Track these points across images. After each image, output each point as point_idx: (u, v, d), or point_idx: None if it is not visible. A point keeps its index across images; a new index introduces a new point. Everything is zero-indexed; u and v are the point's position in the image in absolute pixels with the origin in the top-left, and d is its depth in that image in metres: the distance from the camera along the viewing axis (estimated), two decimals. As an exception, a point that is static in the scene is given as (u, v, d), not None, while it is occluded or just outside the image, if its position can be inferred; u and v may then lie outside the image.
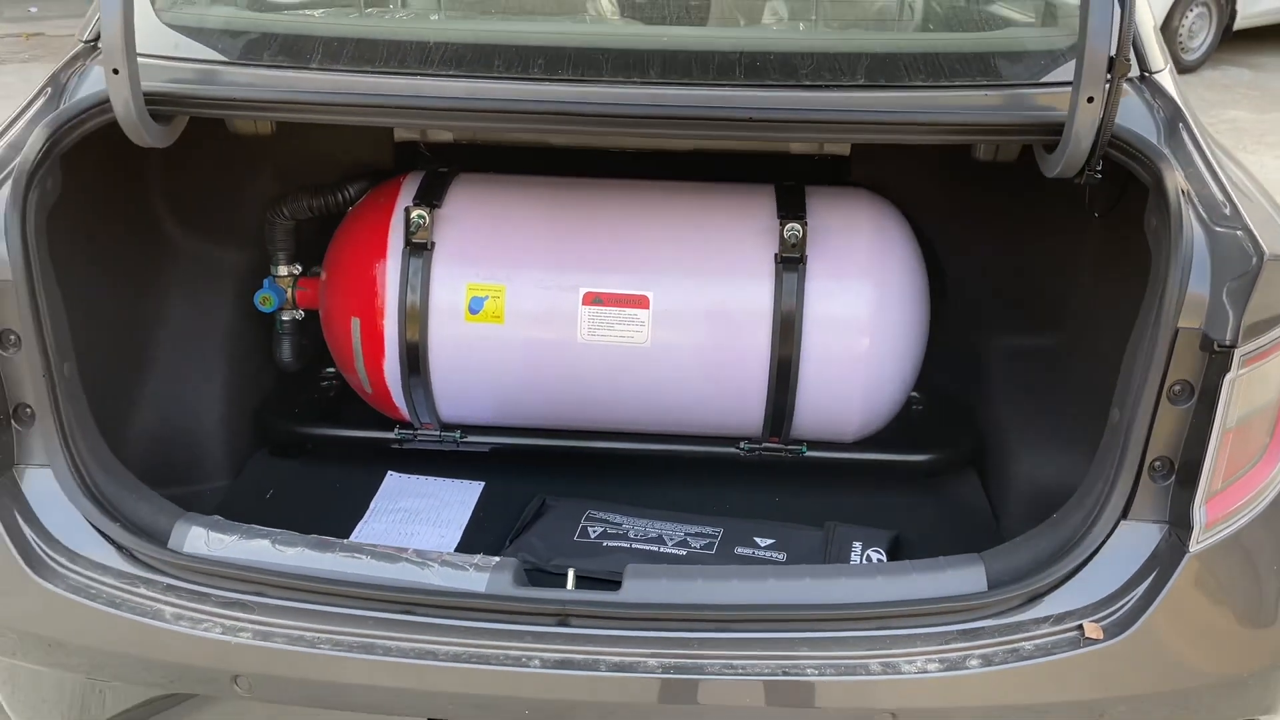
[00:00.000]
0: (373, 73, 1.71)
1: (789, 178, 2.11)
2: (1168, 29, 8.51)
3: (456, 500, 2.18)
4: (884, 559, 1.95)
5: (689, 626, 1.47)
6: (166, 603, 1.51)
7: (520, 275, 1.99)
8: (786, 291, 1.95)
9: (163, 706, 1.62)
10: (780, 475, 2.18)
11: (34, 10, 10.02)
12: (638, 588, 1.51)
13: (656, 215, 2.05)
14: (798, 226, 1.95)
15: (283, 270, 2.23)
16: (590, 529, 2.04)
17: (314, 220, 2.22)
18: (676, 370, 2.01)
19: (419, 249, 1.99)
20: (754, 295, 1.97)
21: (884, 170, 2.16)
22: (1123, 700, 1.47)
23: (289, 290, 2.23)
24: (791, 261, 1.95)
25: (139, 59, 1.60)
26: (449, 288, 1.99)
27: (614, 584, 1.55)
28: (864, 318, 1.99)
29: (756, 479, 2.19)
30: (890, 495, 2.15)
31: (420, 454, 2.23)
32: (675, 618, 1.47)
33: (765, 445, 2.12)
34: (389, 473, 2.25)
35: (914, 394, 2.22)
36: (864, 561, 1.94)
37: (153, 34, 1.74)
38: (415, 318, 1.99)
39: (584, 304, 1.97)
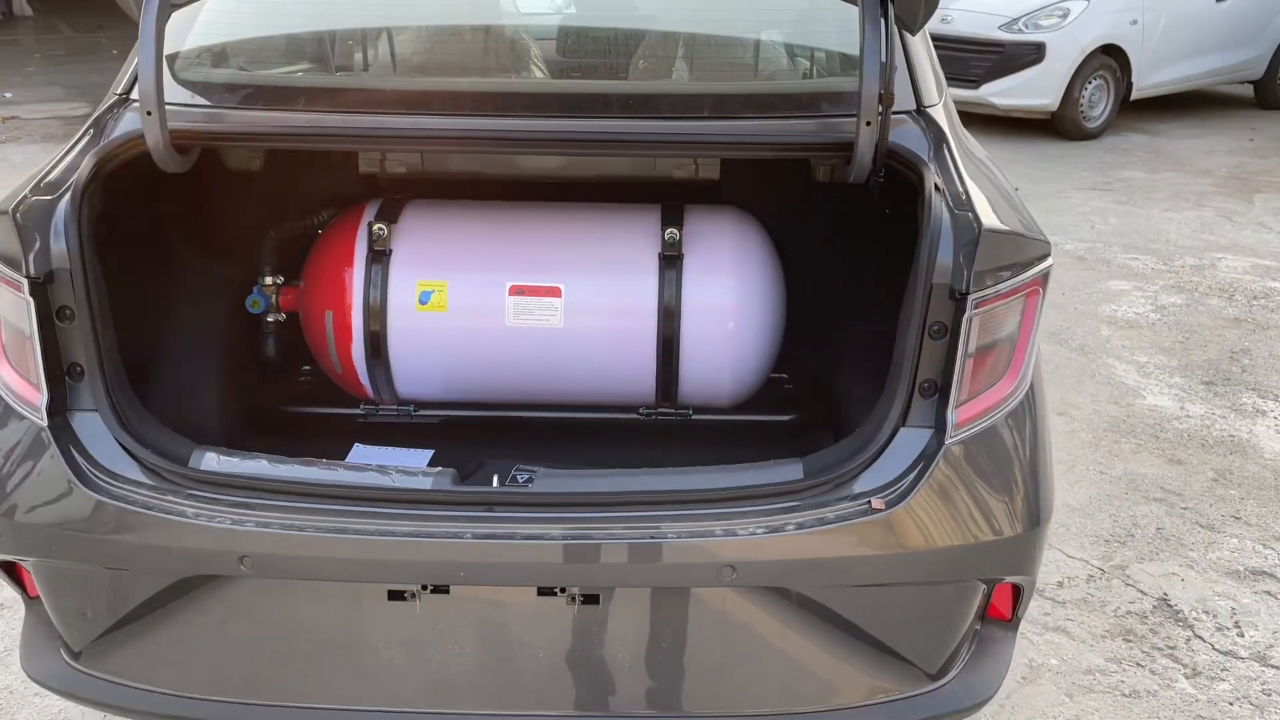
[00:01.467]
0: (338, 112, 2.26)
1: (673, 198, 2.68)
2: (1068, 99, 9.36)
3: (410, 464, 2.68)
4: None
5: (582, 510, 1.98)
6: (188, 505, 1.99)
7: (459, 274, 2.53)
8: (668, 283, 2.50)
9: (181, 592, 2.08)
10: (672, 436, 2.71)
11: (9, 96, 10.62)
12: (543, 484, 2.02)
13: (568, 225, 2.61)
14: (675, 231, 2.51)
15: (268, 280, 2.74)
16: (519, 477, 2.55)
17: (293, 239, 2.76)
18: (586, 348, 2.55)
19: (379, 255, 2.52)
20: (643, 286, 2.52)
21: (748, 191, 2.74)
22: (898, 556, 1.99)
23: (274, 296, 2.75)
24: (671, 259, 2.51)
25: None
26: (403, 285, 2.53)
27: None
28: (729, 304, 2.54)
29: (652, 439, 2.71)
30: (761, 450, 2.68)
31: (382, 429, 2.73)
32: (571, 502, 1.98)
33: (659, 410, 2.65)
34: (355, 445, 2.75)
35: (783, 375, 2.77)
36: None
37: (172, 88, 2.28)
38: (376, 310, 2.51)
39: (510, 295, 2.51)
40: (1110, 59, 9.49)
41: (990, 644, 2.23)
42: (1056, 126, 9.52)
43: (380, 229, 2.52)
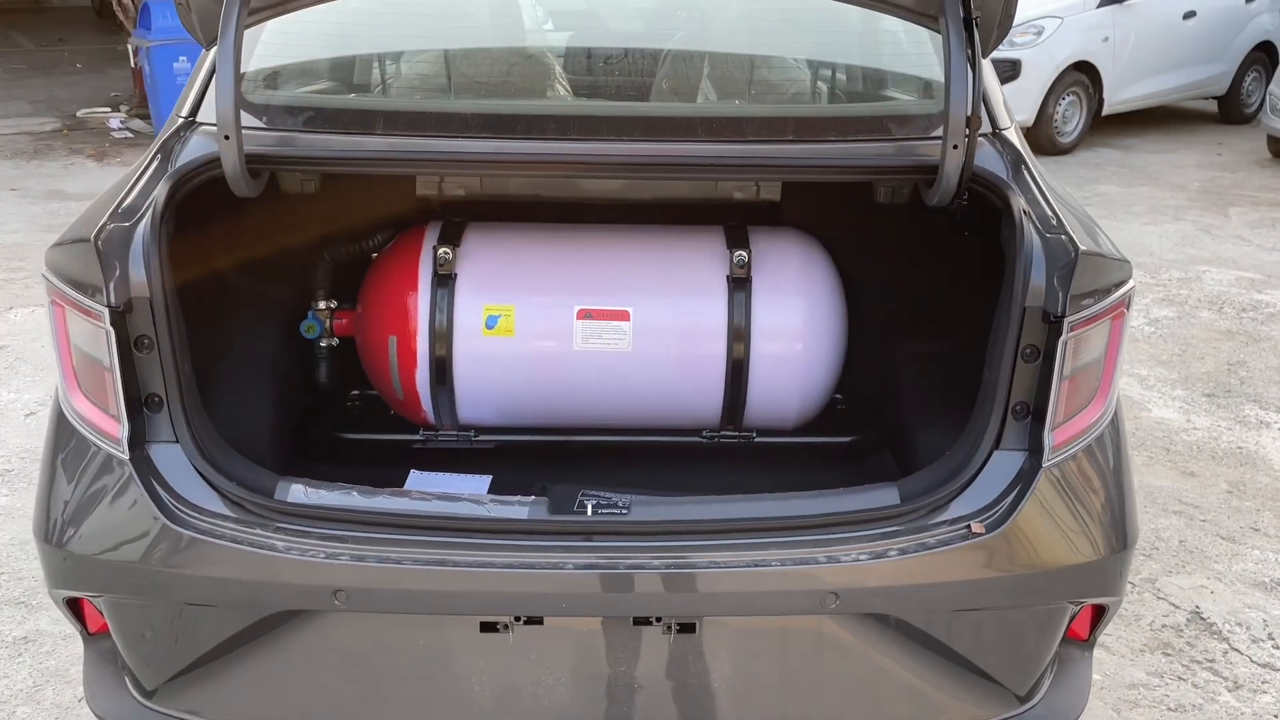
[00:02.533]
0: (409, 135, 2.23)
1: (731, 219, 2.67)
2: (1043, 115, 9.53)
3: (469, 490, 2.64)
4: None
5: (683, 538, 1.96)
6: (278, 538, 1.94)
7: (526, 298, 2.50)
8: (737, 305, 2.49)
9: (271, 627, 2.03)
10: (736, 458, 2.70)
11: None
12: (642, 512, 1.99)
13: (634, 247, 2.59)
14: (744, 254, 2.50)
15: (322, 304, 2.69)
16: (586, 503, 2.52)
17: (346, 263, 2.71)
18: (654, 371, 2.53)
19: (445, 280, 2.49)
20: (712, 309, 2.51)
21: (809, 213, 2.74)
22: (1000, 579, 2.00)
23: (328, 320, 2.70)
24: (740, 281, 2.50)
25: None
26: (469, 310, 2.49)
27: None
28: (798, 327, 2.54)
29: (717, 462, 2.70)
30: (824, 472, 2.67)
31: (435, 454, 2.68)
32: (671, 530, 1.96)
33: (723, 433, 2.64)
34: (412, 471, 2.71)
35: (838, 396, 2.77)
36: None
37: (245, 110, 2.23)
38: (442, 335, 2.48)
39: (578, 319, 2.48)
40: (1083, 75, 9.69)
41: (1070, 664, 2.25)
42: (1031, 142, 9.65)
43: (445, 253, 2.48)
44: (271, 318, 2.69)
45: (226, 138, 2.04)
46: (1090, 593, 2.11)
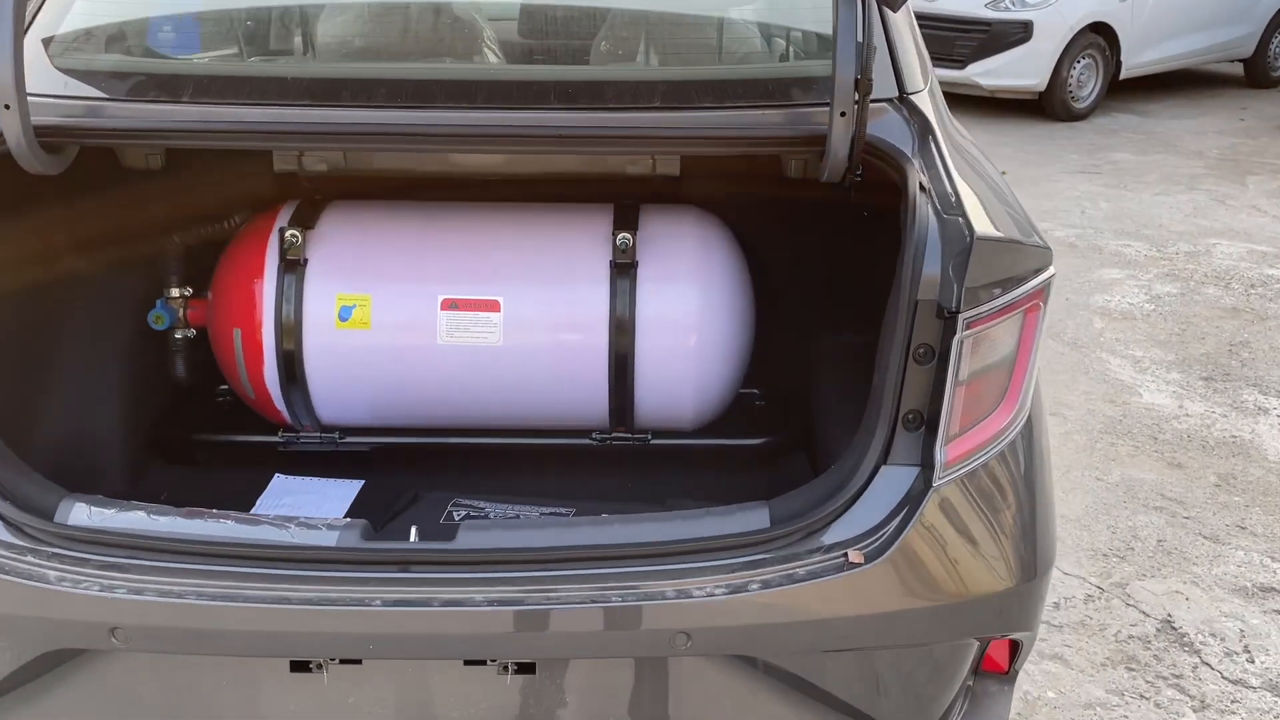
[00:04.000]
0: (240, 104, 1.96)
1: (628, 197, 2.39)
2: (1056, 79, 9.09)
3: (336, 496, 2.40)
4: (715, 527, 2.19)
5: (509, 569, 1.70)
6: (50, 568, 1.70)
7: (385, 285, 2.24)
8: (620, 294, 2.22)
9: (46, 667, 1.79)
10: (630, 462, 2.43)
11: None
12: (468, 537, 1.74)
13: (507, 230, 2.32)
14: (628, 236, 2.22)
15: (174, 292, 2.45)
16: (455, 513, 2.27)
17: (202, 247, 2.46)
18: (529, 368, 2.26)
19: (293, 265, 2.23)
20: (592, 298, 2.23)
21: (712, 189, 2.45)
22: (881, 616, 1.72)
23: (181, 310, 2.45)
24: (623, 267, 2.22)
25: (30, 98, 1.84)
26: (321, 299, 2.23)
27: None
28: (690, 317, 2.26)
29: (609, 466, 2.43)
30: (729, 476, 2.41)
31: (307, 457, 2.44)
32: (501, 560, 1.70)
33: (614, 435, 2.37)
34: (276, 475, 2.47)
35: (754, 390, 2.49)
36: (697, 530, 2.19)
37: (45, 76, 1.97)
38: (290, 328, 2.22)
39: (442, 309, 2.22)
40: (1099, 37, 9.24)
41: (985, 699, 1.97)
42: (1044, 107, 9.26)
43: (294, 235, 2.22)
44: (120, 308, 2.44)
45: (7, 106, 1.79)
46: (995, 628, 1.83)
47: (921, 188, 1.79)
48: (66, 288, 2.36)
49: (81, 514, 1.77)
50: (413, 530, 1.77)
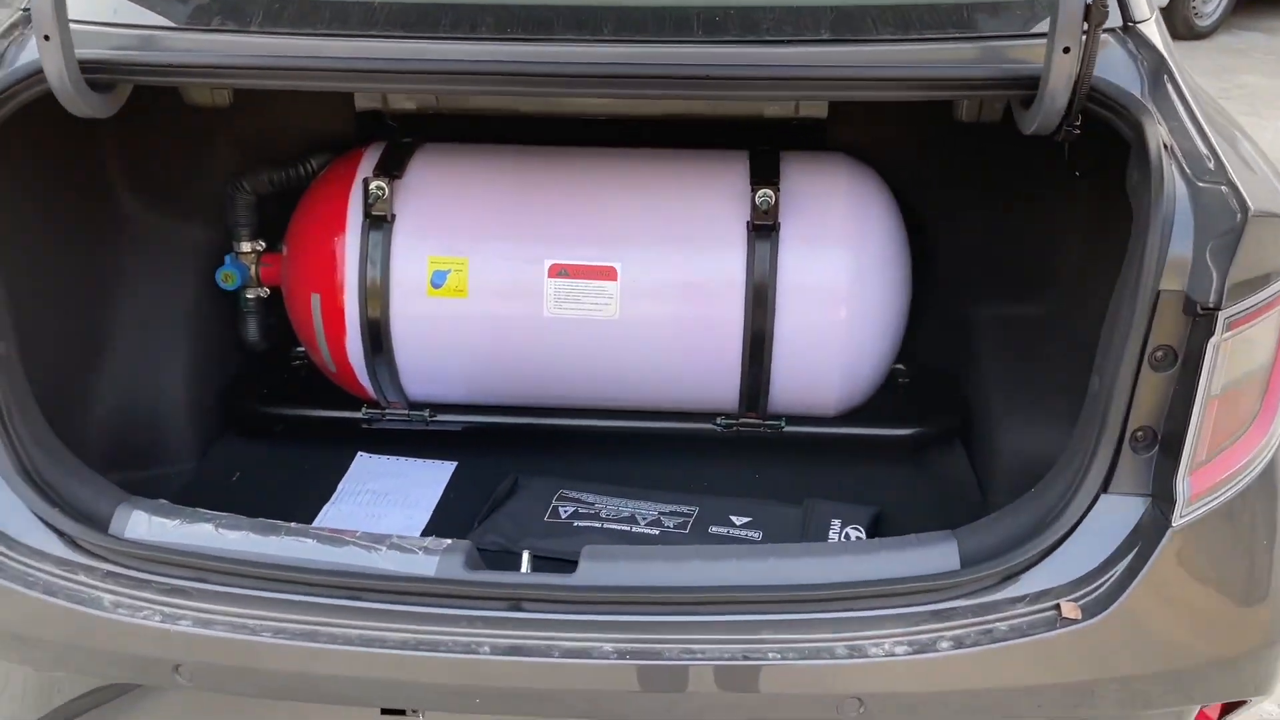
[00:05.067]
0: (318, 35, 1.63)
1: (764, 143, 2.03)
2: (1179, -7, 8.34)
3: (427, 480, 2.12)
4: (864, 537, 1.88)
5: (646, 609, 1.40)
6: (106, 590, 1.45)
7: (484, 247, 1.93)
8: (759, 260, 1.87)
9: (111, 695, 1.56)
10: (759, 451, 2.12)
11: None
12: (594, 570, 1.44)
13: (626, 183, 1.98)
14: (769, 192, 1.87)
15: (245, 246, 2.16)
16: (561, 509, 1.98)
17: (278, 195, 2.16)
18: (648, 344, 1.95)
19: (378, 222, 1.92)
20: (725, 264, 1.90)
21: (863, 134, 2.08)
22: (1103, 683, 1.40)
23: (253, 267, 2.17)
24: (763, 229, 1.87)
25: (74, 25, 1.53)
26: (410, 261, 1.93)
27: (573, 565, 1.48)
28: (841, 286, 1.91)
29: (734, 455, 2.12)
30: (872, 470, 2.08)
31: (391, 434, 2.17)
32: (631, 600, 1.41)
33: (742, 420, 2.05)
34: (359, 454, 2.20)
35: (899, 366, 2.15)
36: (842, 537, 1.88)
37: (90, 2, 1.67)
38: (376, 293, 1.92)
39: (550, 276, 1.90)
40: (1228, -54, 8.45)
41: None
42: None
43: (379, 187, 1.91)
44: (185, 264, 2.17)
45: (46, 38, 1.49)
46: (1230, 693, 1.50)
47: (1165, 147, 1.41)
48: (123, 243, 2.09)
49: (140, 524, 1.51)
50: (524, 558, 1.48)
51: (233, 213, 2.14)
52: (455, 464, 2.16)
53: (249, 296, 2.19)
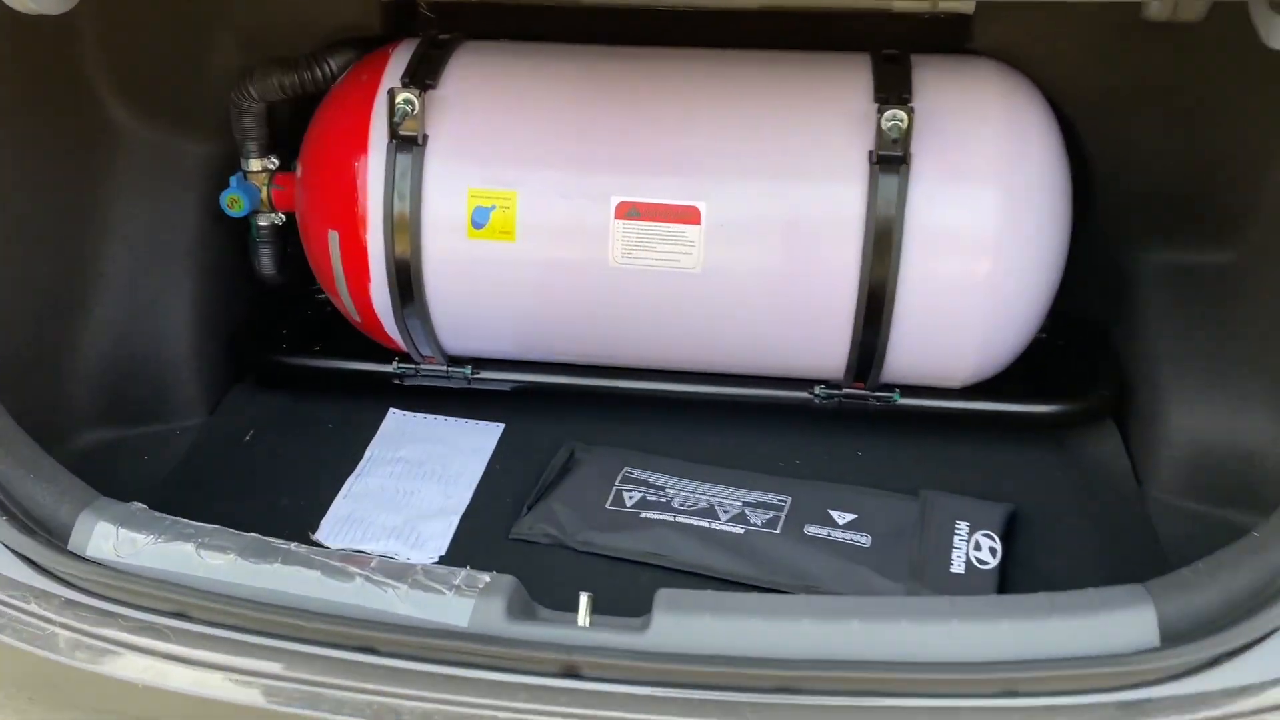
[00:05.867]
0: None
1: (891, 45, 1.60)
2: None
3: (469, 448, 1.81)
4: (996, 545, 1.53)
5: (739, 687, 1.08)
6: (61, 624, 1.16)
7: (536, 178, 1.55)
8: (883, 198, 1.48)
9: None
10: (865, 426, 1.76)
11: None
12: (670, 626, 1.11)
13: (714, 98, 1.57)
14: (900, 114, 1.46)
15: (254, 165, 1.81)
16: (626, 493, 1.65)
17: (292, 103, 1.79)
18: (736, 300, 1.57)
19: (407, 143, 1.55)
20: (839, 203, 1.50)
21: (1020, 34, 1.63)
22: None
23: (264, 189, 1.82)
24: (891, 160, 1.47)
25: None
26: (446, 194, 1.56)
27: (642, 608, 1.15)
28: (987, 233, 1.51)
29: (835, 430, 1.77)
30: (1004, 454, 1.72)
31: (428, 389, 1.85)
32: (719, 679, 1.08)
33: (848, 391, 1.69)
34: (390, 410, 1.89)
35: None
36: (971, 547, 1.53)
37: None
38: (405, 232, 1.57)
39: (617, 217, 1.53)
40: None
41: None
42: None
43: (408, 100, 1.53)
44: (188, 182, 1.83)
45: None
46: None
47: None
48: (111, 160, 1.76)
49: (105, 540, 1.21)
50: (582, 605, 1.15)
51: (238, 124, 1.78)
52: (502, 426, 1.84)
53: (261, 224, 1.86)
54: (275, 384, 1.92)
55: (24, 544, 1.20)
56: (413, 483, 1.74)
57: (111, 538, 1.21)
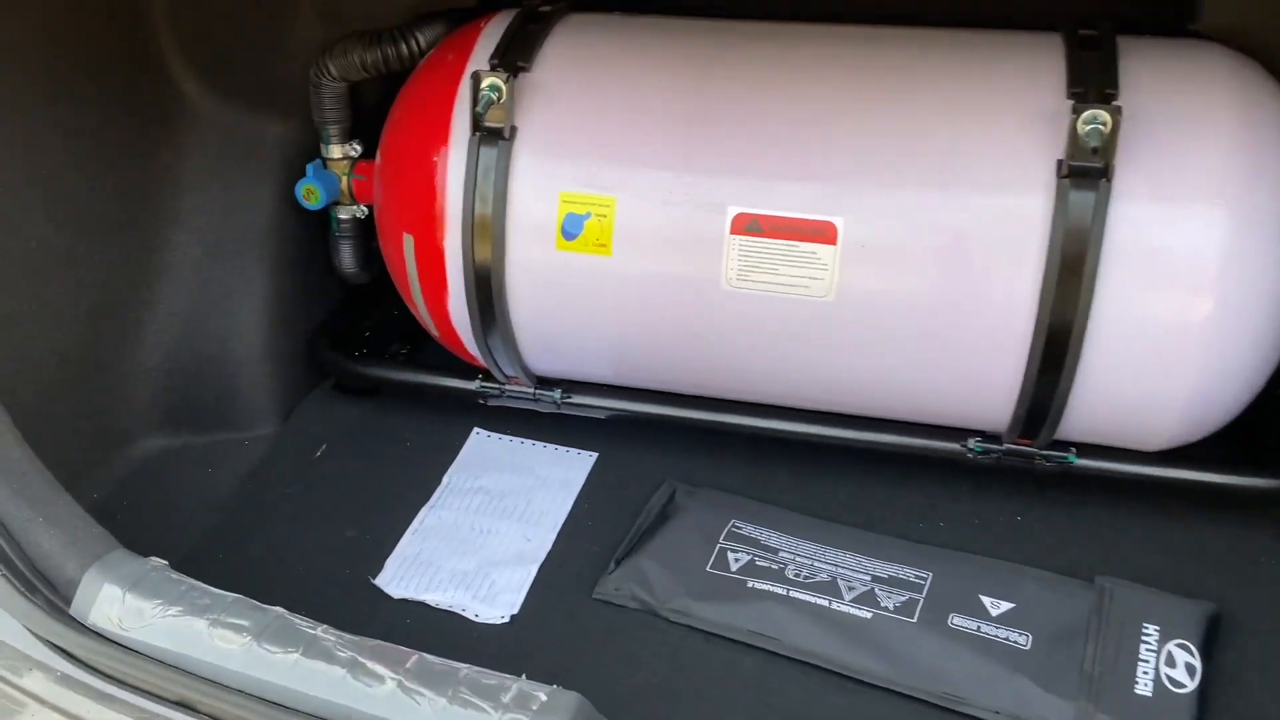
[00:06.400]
0: None
1: (1089, 22, 1.28)
2: None
3: (556, 480, 1.59)
4: (1196, 661, 1.21)
5: None
6: (52, 707, 0.99)
7: (639, 182, 1.30)
8: (1075, 218, 1.17)
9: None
10: (1030, 488, 1.46)
11: None
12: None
13: (859, 86, 1.28)
14: (1102, 114, 1.14)
15: (335, 151, 1.62)
16: (731, 555, 1.40)
17: (376, 82, 1.59)
18: (876, 335, 1.29)
19: (492, 136, 1.32)
20: (1016, 222, 1.20)
21: (1264, 14, 1.28)
22: None
23: (344, 178, 1.63)
24: (1087, 173, 1.16)
25: None
26: (535, 197, 1.33)
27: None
28: (1210, 265, 1.18)
29: (990, 490, 1.47)
30: (1208, 535, 1.39)
31: (521, 414, 1.64)
32: None
33: (1012, 447, 1.39)
34: (475, 429, 1.68)
35: None
36: (1163, 661, 1.22)
37: None
38: (486, 236, 1.34)
39: (734, 232, 1.26)
40: None
41: None
42: None
43: (494, 86, 1.30)
44: (264, 166, 1.65)
45: None
46: None
47: None
48: (181, 140, 1.59)
49: (111, 605, 1.03)
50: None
51: (317, 105, 1.59)
52: (595, 456, 1.62)
53: (341, 217, 1.67)
54: (354, 391, 1.74)
55: (19, 605, 1.03)
56: (490, 519, 1.53)
57: (118, 604, 1.03)
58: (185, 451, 1.65)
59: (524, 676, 0.96)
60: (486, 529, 1.52)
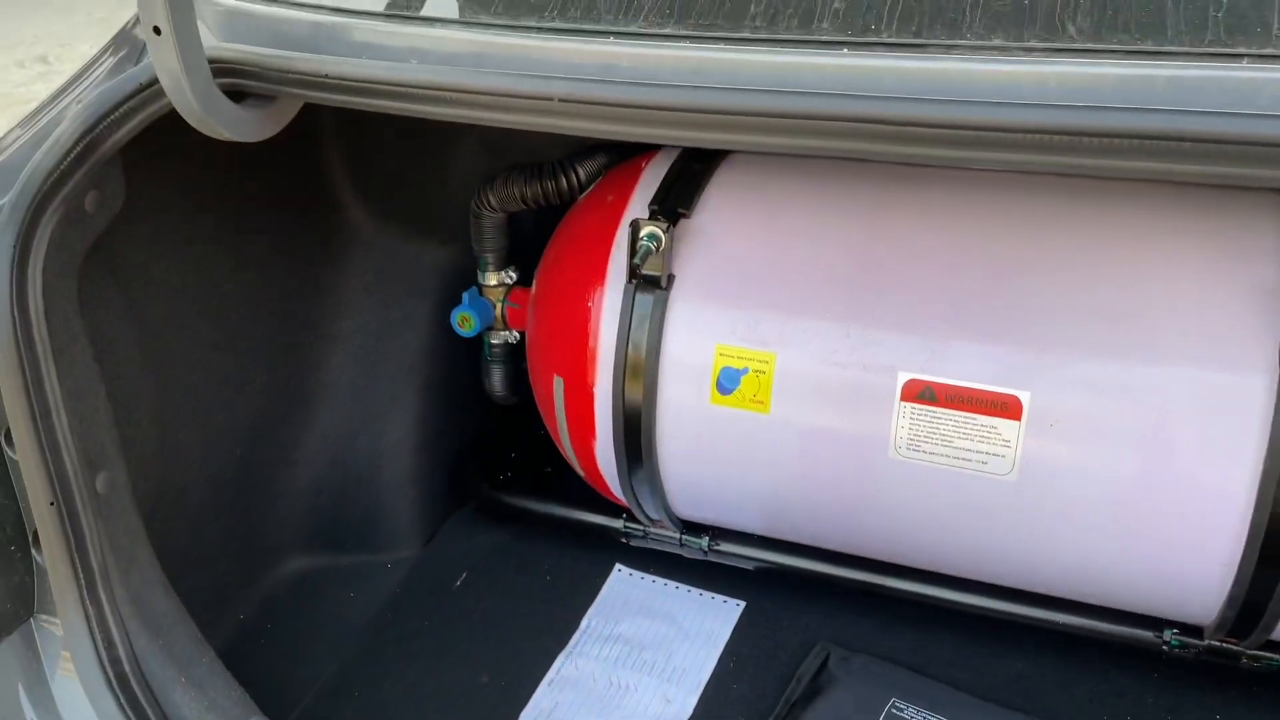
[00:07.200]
0: (569, 32, 0.98)
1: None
2: None
3: (700, 632, 1.50)
4: None
5: None
6: None
7: (802, 338, 1.22)
8: (1301, 408, 1.03)
9: None
10: (1232, 686, 1.29)
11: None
12: None
13: (1052, 243, 1.17)
14: (1341, 291, 1.00)
15: (490, 279, 1.60)
16: (890, 736, 1.28)
17: (538, 214, 1.57)
18: (1063, 518, 1.16)
19: (650, 284, 1.27)
20: (1231, 404, 1.06)
21: None
22: None
23: (498, 305, 1.61)
24: (1320, 357, 1.02)
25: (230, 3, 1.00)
26: (690, 347, 1.27)
27: None
28: None
29: (1186, 686, 1.30)
30: None
31: (664, 557, 1.57)
32: None
33: (1214, 643, 1.23)
34: (617, 566, 1.62)
35: None
36: None
37: None
38: (638, 383, 1.29)
39: (905, 399, 1.16)
40: None
41: None
42: None
43: (653, 235, 1.25)
44: (421, 291, 1.66)
45: (157, 31, 0.95)
46: None
47: None
48: (343, 262, 1.61)
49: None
50: None
51: (477, 234, 1.58)
52: (743, 605, 1.53)
53: (494, 342, 1.65)
54: (497, 515, 1.70)
55: None
56: (629, 674, 1.45)
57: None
58: (329, 572, 1.64)
59: None
60: (625, 684, 1.44)
